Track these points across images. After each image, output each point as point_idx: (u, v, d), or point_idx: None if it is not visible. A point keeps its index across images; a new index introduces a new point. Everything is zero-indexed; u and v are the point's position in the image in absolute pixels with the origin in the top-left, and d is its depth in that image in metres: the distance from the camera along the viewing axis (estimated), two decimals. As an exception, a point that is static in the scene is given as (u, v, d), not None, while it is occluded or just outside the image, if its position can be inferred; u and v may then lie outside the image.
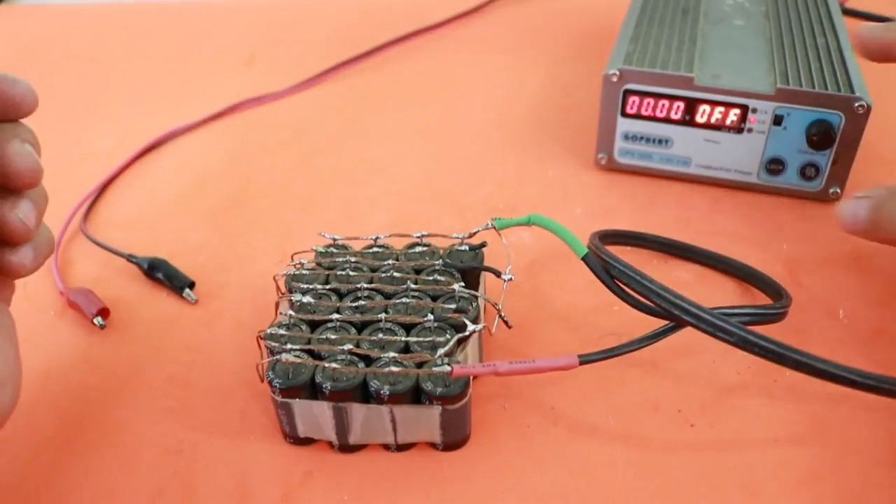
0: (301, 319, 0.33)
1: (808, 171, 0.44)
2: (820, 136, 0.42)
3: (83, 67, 0.67)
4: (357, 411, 0.31)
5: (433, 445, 0.32)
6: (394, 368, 0.30)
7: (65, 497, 0.31)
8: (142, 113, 0.59)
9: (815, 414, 0.33)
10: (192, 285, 0.41)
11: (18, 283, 0.32)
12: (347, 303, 0.33)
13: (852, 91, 0.42)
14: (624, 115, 0.46)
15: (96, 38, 0.72)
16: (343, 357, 0.31)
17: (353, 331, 0.32)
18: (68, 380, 0.37)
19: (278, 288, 0.36)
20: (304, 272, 0.35)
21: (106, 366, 0.37)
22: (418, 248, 0.37)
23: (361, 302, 0.33)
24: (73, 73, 0.66)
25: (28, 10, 0.78)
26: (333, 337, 0.31)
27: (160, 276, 0.41)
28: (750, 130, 0.44)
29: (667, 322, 0.32)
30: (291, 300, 0.34)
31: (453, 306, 0.33)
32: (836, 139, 0.42)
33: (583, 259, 0.33)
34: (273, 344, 0.31)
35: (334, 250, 0.37)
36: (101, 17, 0.76)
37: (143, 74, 0.65)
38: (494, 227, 0.35)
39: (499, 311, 0.34)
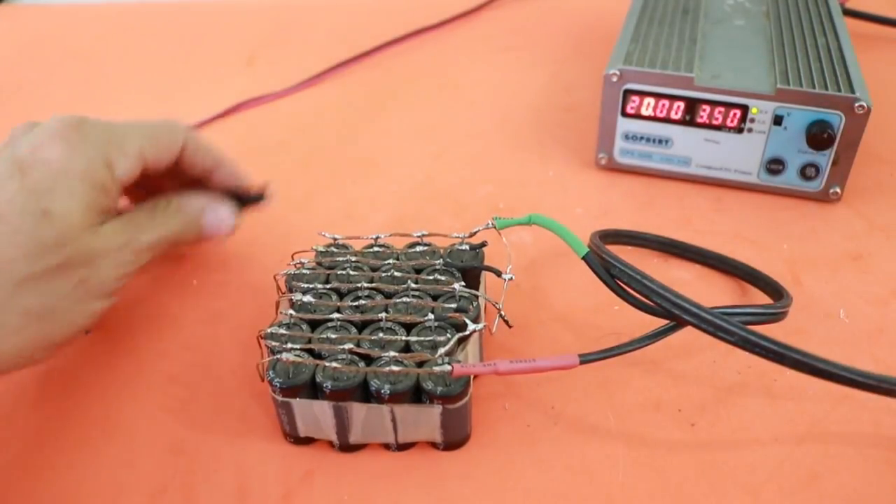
0: (301, 319, 0.32)
1: (809, 171, 0.44)
2: (820, 136, 0.42)
3: (83, 67, 0.67)
4: (357, 411, 0.31)
5: (434, 445, 0.32)
6: (394, 368, 0.30)
7: (65, 497, 0.31)
8: (142, 113, 0.59)
9: (815, 414, 0.33)
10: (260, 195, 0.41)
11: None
12: (348, 302, 0.33)
13: (852, 91, 0.42)
14: (624, 114, 0.46)
15: (96, 38, 0.72)
16: (343, 356, 0.31)
17: (354, 330, 0.32)
18: (68, 379, 0.36)
19: (278, 287, 0.36)
20: (304, 271, 0.35)
21: (106, 366, 0.37)
22: (419, 248, 0.37)
23: (362, 301, 0.33)
24: (73, 73, 0.66)
25: (28, 10, 0.78)
26: (334, 336, 0.31)
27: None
28: (750, 130, 0.44)
29: (667, 322, 0.32)
30: (292, 299, 0.34)
31: (454, 306, 0.33)
32: (836, 139, 0.42)
33: (583, 259, 0.33)
34: (273, 343, 0.31)
35: (335, 250, 0.37)
36: (101, 17, 0.76)
37: (143, 74, 0.65)
38: (495, 227, 0.35)
39: (499, 310, 0.34)
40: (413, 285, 0.34)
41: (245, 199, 0.40)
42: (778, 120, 0.43)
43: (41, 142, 0.32)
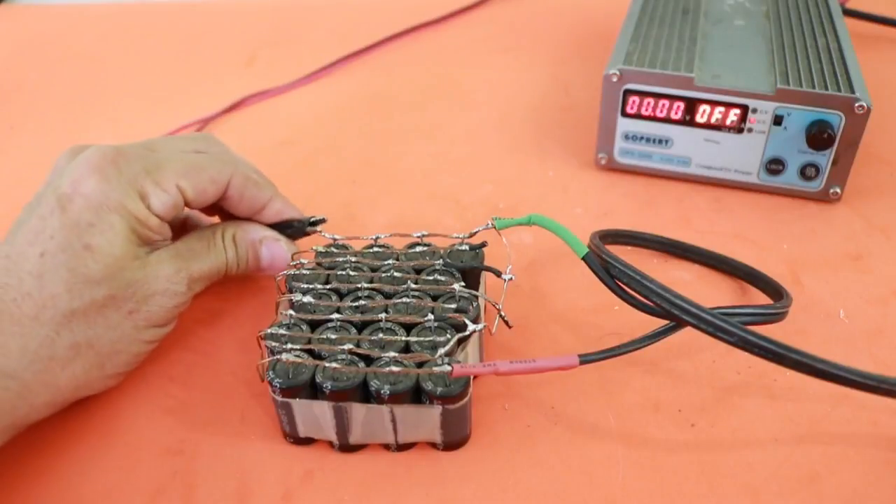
0: (301, 319, 0.33)
1: (809, 171, 0.44)
2: (820, 136, 0.42)
3: (83, 67, 0.67)
4: (357, 411, 0.31)
5: (433, 445, 0.32)
6: (394, 368, 0.30)
7: (65, 497, 0.31)
8: (142, 113, 0.59)
9: (815, 414, 0.33)
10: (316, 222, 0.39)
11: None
12: (348, 302, 0.33)
13: (852, 91, 0.42)
14: (624, 114, 0.46)
15: (96, 38, 0.72)
16: (343, 357, 0.31)
17: (354, 330, 0.32)
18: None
19: (279, 288, 0.36)
20: (304, 272, 0.35)
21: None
22: (419, 248, 0.37)
23: (362, 302, 0.33)
24: (73, 73, 0.66)
25: (28, 10, 0.78)
26: (334, 337, 0.31)
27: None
28: (750, 130, 0.44)
29: (667, 322, 0.32)
30: (292, 300, 0.34)
31: (453, 306, 0.33)
32: (836, 139, 0.42)
33: (583, 259, 0.33)
34: (273, 344, 0.31)
35: (335, 250, 0.37)
36: (101, 17, 0.76)
37: (143, 74, 0.65)
38: (495, 227, 0.35)
39: (499, 310, 0.34)
40: (413, 286, 0.34)
41: (294, 229, 0.39)
42: (778, 120, 0.43)
43: (79, 175, 0.32)
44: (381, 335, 0.31)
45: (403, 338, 0.31)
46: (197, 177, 0.34)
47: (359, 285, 0.34)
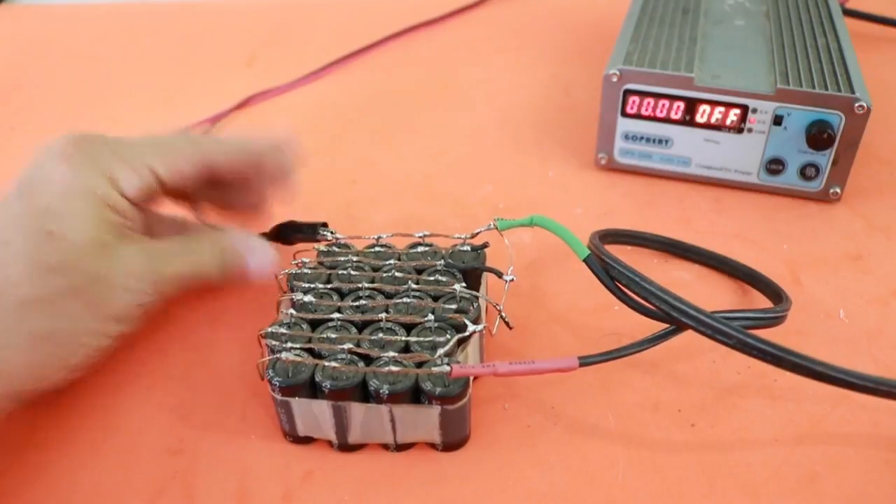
0: (302, 318, 0.33)
1: (809, 172, 0.44)
2: (820, 136, 0.42)
3: (83, 67, 0.67)
4: (356, 410, 0.31)
5: (433, 445, 0.32)
6: (393, 368, 0.30)
7: (65, 497, 0.31)
8: (142, 113, 0.59)
9: (815, 414, 0.33)
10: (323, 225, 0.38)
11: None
12: (348, 302, 0.33)
13: (852, 91, 0.42)
14: (624, 114, 0.46)
15: (96, 38, 0.72)
16: (343, 356, 0.31)
17: (354, 330, 0.32)
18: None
19: (280, 286, 0.36)
20: (305, 271, 0.35)
21: (106, 365, 0.37)
22: (420, 248, 0.37)
23: (362, 301, 0.33)
24: (73, 73, 0.66)
25: (28, 10, 0.78)
26: (334, 336, 0.31)
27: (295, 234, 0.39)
28: (750, 130, 0.44)
29: (667, 325, 0.32)
30: (293, 299, 0.34)
31: (454, 306, 0.33)
32: (836, 139, 0.42)
33: (584, 261, 0.33)
34: (273, 342, 0.31)
35: (336, 249, 0.37)
36: (101, 17, 0.76)
37: (143, 74, 0.65)
38: (497, 228, 0.35)
39: (500, 311, 0.34)
40: (414, 286, 0.34)
41: (304, 233, 0.38)
42: (778, 120, 0.43)
43: (45, 161, 0.31)
44: (381, 335, 0.31)
45: (403, 338, 0.31)
46: (170, 156, 0.33)
47: (360, 285, 0.34)
